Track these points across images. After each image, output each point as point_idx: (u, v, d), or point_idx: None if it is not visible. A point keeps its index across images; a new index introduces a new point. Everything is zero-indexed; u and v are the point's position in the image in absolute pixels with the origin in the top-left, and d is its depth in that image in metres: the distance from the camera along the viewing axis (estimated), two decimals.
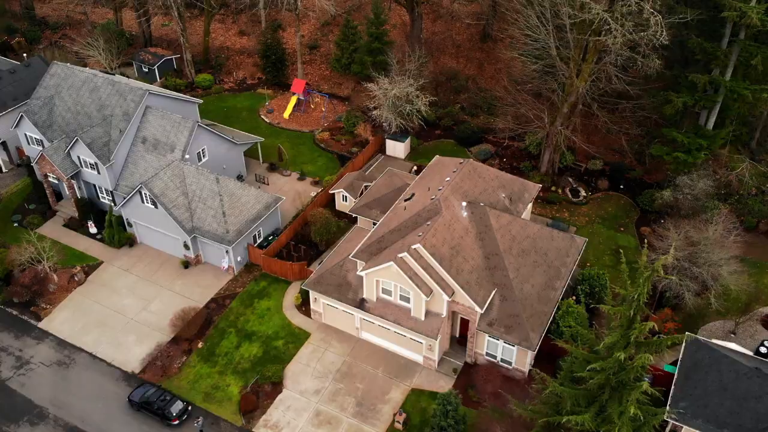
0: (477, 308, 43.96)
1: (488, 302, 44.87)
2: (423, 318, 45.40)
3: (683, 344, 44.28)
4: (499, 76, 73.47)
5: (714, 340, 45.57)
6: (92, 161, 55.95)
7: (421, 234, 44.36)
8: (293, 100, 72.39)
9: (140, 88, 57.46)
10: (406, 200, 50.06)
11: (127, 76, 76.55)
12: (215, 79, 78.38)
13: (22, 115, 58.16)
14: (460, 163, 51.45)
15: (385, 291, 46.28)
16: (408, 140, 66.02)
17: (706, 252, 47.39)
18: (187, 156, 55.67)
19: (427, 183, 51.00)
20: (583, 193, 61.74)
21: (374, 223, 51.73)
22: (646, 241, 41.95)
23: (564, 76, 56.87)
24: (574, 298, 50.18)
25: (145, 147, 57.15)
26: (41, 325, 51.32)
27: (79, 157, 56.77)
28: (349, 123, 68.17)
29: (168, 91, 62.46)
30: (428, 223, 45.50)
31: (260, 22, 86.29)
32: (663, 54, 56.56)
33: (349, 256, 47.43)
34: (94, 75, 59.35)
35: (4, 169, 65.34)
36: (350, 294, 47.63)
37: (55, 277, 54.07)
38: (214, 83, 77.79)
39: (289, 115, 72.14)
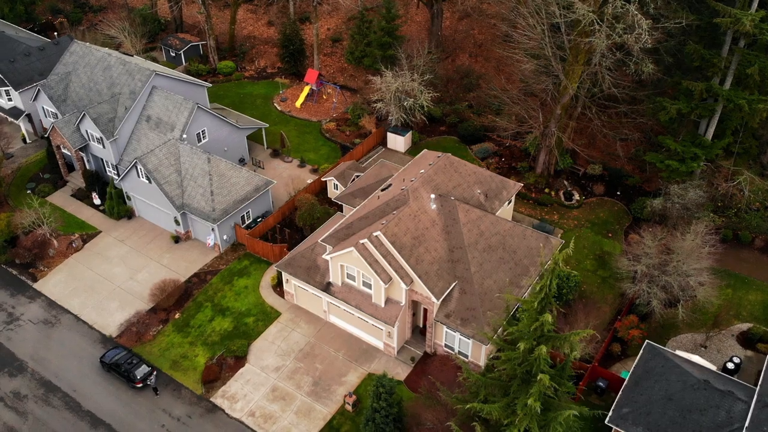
0: (433, 298, 44.51)
1: (446, 294, 45.34)
2: (383, 305, 46.25)
3: (641, 351, 43.93)
4: (514, 77, 73.31)
5: (678, 352, 44.91)
6: (98, 135, 59.02)
7: (384, 222, 45.23)
8: (306, 90, 74.14)
9: (147, 69, 60.18)
10: (382, 190, 50.95)
11: (156, 59, 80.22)
12: (237, 67, 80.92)
13: (39, 89, 61.83)
14: (438, 156, 51.95)
15: (349, 276, 47.33)
16: (409, 134, 66.77)
17: (677, 261, 46.51)
18: (184, 136, 58.03)
19: (406, 175, 51.73)
20: (576, 196, 61.17)
21: None
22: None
23: (558, 77, 56.55)
24: None
25: (148, 125, 59.87)
26: (36, 285, 54.56)
27: (87, 131, 59.98)
28: (354, 115, 69.44)
29: (177, 73, 65.07)
30: (394, 212, 46.31)
31: (288, 13, 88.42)
32: (665, 60, 55.69)
33: (319, 241, 48.68)
34: (108, 54, 62.52)
35: (28, 140, 69.40)
36: (318, 277, 48.88)
37: (55, 242, 57.34)
38: (236, 70, 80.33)
39: (301, 104, 73.91)
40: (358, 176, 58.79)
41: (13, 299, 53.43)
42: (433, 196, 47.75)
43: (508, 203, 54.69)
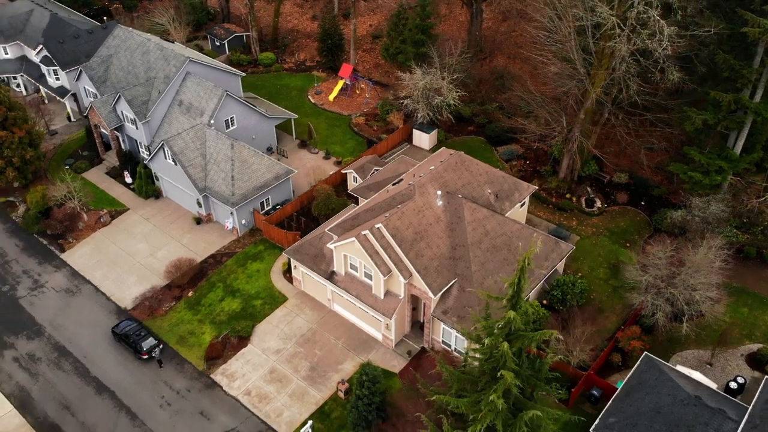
0: (430, 293, 44.82)
1: (445, 291, 45.57)
2: (382, 297, 46.81)
3: (637, 362, 43.23)
4: (547, 80, 72.56)
5: (679, 367, 44.04)
6: (132, 116, 61.51)
7: (387, 215, 45.78)
8: (340, 84, 75.26)
9: (182, 55, 62.34)
10: (393, 184, 51.49)
11: (201, 48, 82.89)
12: (277, 58, 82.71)
13: (81, 70, 64.86)
14: (450, 154, 52.14)
15: (352, 266, 48.08)
16: (435, 132, 67.03)
17: (685, 274, 45.43)
18: (212, 121, 59.87)
19: (420, 171, 52.10)
20: (598, 204, 60.24)
21: None
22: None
23: (583, 81, 55.85)
24: (545, 301, 49.82)
25: (180, 109, 62.03)
26: (63, 256, 57.33)
27: (122, 112, 62.60)
28: (383, 110, 70.15)
29: (212, 61, 67.06)
30: (399, 206, 46.80)
31: (333, 8, 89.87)
32: (699, 69, 54.28)
33: (326, 230, 49.61)
34: (148, 40, 65.03)
35: (72, 118, 72.81)
36: (323, 265, 49.81)
37: (85, 216, 60.12)
38: (276, 62, 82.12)
39: (334, 98, 75.07)
40: (377, 170, 59.45)
41: (40, 267, 56.30)
42: (439, 192, 48.00)
43: (521, 205, 54.40)
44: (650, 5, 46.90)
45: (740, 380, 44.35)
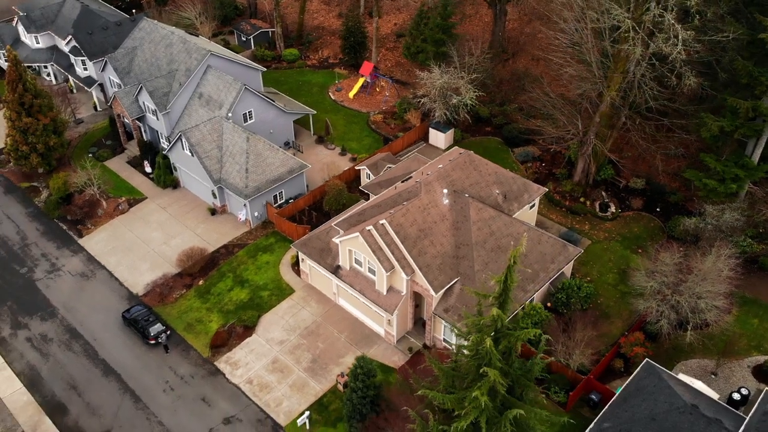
0: (432, 291, 45.01)
1: (447, 289, 45.71)
2: (385, 293, 47.13)
3: (637, 368, 42.84)
4: (568, 83, 72.08)
5: (681, 375, 43.53)
6: (153, 107, 62.83)
7: (392, 212, 46.09)
8: (360, 81, 75.76)
9: (204, 49, 63.46)
10: (402, 181, 51.75)
11: (228, 43, 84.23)
12: (301, 55, 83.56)
13: (106, 60, 66.46)
14: (460, 153, 52.21)
15: (357, 261, 48.50)
16: (451, 132, 67.09)
17: (692, 282, 44.83)
18: (230, 114, 60.85)
19: (429, 169, 52.24)
20: (612, 209, 59.67)
21: None
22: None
23: (599, 84, 55.43)
24: (549, 304, 49.61)
25: (200, 102, 63.19)
26: (81, 241, 58.86)
27: (144, 103, 63.99)
28: (401, 108, 70.46)
29: (234, 55, 68.02)
30: (404, 203, 47.08)
31: (359, 6, 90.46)
32: (720, 76, 53.49)
33: (333, 224, 50.11)
34: (172, 33, 66.35)
35: (98, 108, 74.60)
36: (329, 259, 50.32)
37: (104, 203, 61.63)
38: (299, 58, 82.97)
39: (354, 95, 75.58)
40: (390, 167, 59.76)
41: (58, 251, 57.90)
42: (445, 191, 48.13)
43: (531, 207, 54.20)
44: (666, 9, 46.36)
45: (744, 391, 43.62)
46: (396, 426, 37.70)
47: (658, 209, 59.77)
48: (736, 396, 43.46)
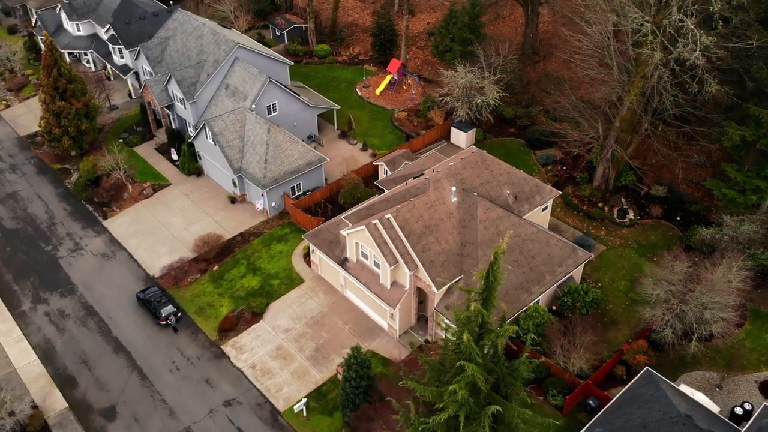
0: (434, 287, 45.27)
1: (449, 286, 45.88)
2: (389, 287, 47.58)
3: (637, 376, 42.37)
4: (588, 85, 71.30)
5: (682, 386, 42.93)
6: (180, 96, 64.53)
7: (399, 207, 46.49)
8: (387, 78, 76.27)
9: (232, 41, 64.85)
10: (414, 178, 52.10)
11: (263, 37, 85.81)
12: (332, 51, 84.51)
13: (139, 49, 68.50)
14: (473, 152, 52.28)
15: (363, 255, 49.06)
16: (472, 131, 67.06)
17: (699, 292, 44.04)
18: (253, 106, 62.08)
19: (442, 166, 52.45)
20: (631, 215, 58.84)
21: None
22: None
23: (620, 88, 54.80)
24: (554, 307, 49.32)
25: (226, 93, 64.62)
26: (105, 223, 60.91)
27: (172, 92, 65.77)
28: (425, 106, 70.73)
29: (263, 48, 69.17)
30: (412, 199, 47.43)
31: (393, 4, 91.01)
32: (748, 84, 52.31)
33: (342, 217, 50.78)
34: (203, 24, 67.97)
35: (133, 96, 76.89)
36: (337, 251, 51.01)
37: (130, 187, 63.61)
38: (330, 54, 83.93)
39: (381, 92, 76.12)
40: (407, 164, 60.12)
41: (82, 231, 60.03)
42: (454, 188, 48.29)
43: (544, 209, 53.90)
44: (686, 14, 45.60)
45: (747, 406, 42.72)
46: (385, 416, 38.13)
47: (678, 218, 58.70)
48: (739, 410, 42.61)
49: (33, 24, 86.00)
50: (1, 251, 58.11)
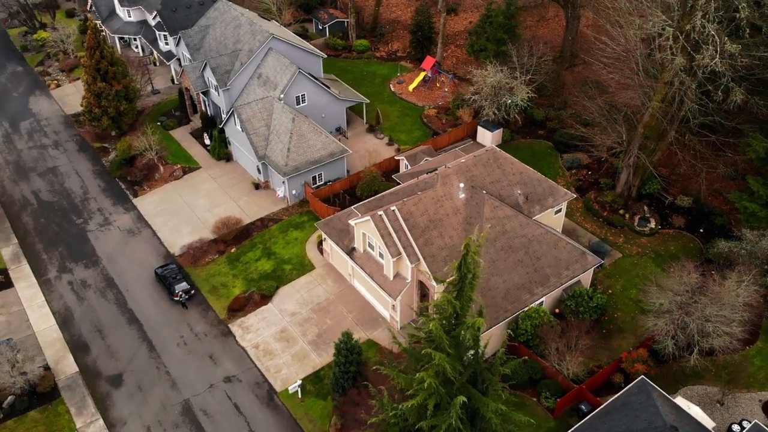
0: (433, 281, 45.60)
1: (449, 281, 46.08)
2: (391, 278, 48.18)
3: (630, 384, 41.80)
4: (619, 92, 70.06)
5: (678, 399, 42.18)
6: (215, 83, 66.61)
7: (405, 200, 47.03)
8: (420, 75, 76.74)
9: (267, 32, 66.48)
10: (427, 173, 52.47)
11: (306, 30, 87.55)
12: (371, 46, 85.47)
13: (180, 36, 70.96)
14: (486, 150, 52.28)
15: (370, 245, 49.79)
16: (499, 131, 66.89)
17: (703, 304, 43.04)
18: (282, 96, 63.56)
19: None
20: (652, 224, 57.72)
21: None
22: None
23: (644, 93, 53.85)
24: (558, 310, 48.98)
25: (258, 82, 66.34)
26: (134, 201, 63.49)
27: (207, 78, 67.93)
28: (454, 104, 70.90)
29: (298, 40, 70.61)
30: (419, 192, 47.88)
31: (436, 2, 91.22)
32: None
33: (353, 208, 51.61)
34: (242, 14, 69.88)
35: (175, 81, 79.64)
36: (346, 241, 51.89)
37: (161, 168, 66.07)
38: (369, 49, 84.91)
39: (414, 88, 76.64)
40: (427, 160, 60.54)
41: (113, 207, 62.75)
42: (462, 185, 48.47)
43: (558, 212, 53.45)
44: (709, 20, 44.56)
45: (745, 424, 41.57)
46: (368, 402, 38.78)
47: (701, 230, 57.26)
48: (736, 428, 41.56)
49: (88, 8, 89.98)
50: (35, 222, 61.33)
